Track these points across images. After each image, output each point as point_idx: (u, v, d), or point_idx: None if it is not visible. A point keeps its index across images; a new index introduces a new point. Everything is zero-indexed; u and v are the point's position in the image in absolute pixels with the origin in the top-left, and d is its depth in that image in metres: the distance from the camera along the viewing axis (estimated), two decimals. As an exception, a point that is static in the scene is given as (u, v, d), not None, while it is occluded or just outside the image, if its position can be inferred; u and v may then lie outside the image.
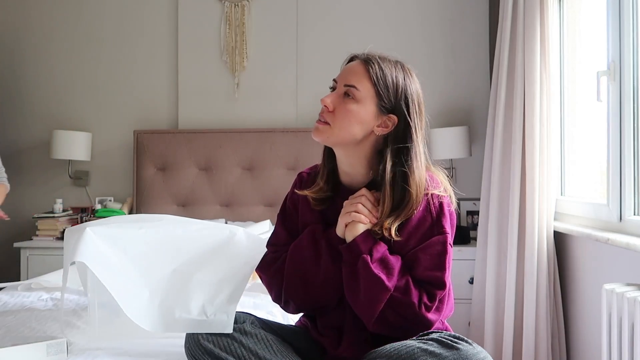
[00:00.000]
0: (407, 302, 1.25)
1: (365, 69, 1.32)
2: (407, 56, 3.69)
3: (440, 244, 1.30)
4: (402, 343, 1.19)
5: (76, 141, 3.34)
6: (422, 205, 1.31)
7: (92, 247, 1.51)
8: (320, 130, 1.33)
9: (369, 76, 1.31)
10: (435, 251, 1.29)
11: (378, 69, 1.31)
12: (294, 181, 1.52)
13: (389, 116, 1.32)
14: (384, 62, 1.33)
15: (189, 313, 1.41)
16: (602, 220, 2.22)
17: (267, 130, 3.33)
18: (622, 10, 2.05)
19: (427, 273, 1.28)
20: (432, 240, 1.30)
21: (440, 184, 1.35)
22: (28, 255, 3.16)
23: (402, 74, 1.34)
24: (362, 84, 1.31)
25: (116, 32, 3.53)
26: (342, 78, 1.34)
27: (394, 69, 1.33)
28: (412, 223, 1.30)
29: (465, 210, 3.32)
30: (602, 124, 2.22)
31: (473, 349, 1.16)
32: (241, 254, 1.58)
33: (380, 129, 1.32)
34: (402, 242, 1.30)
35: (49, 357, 1.45)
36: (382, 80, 1.31)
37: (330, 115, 1.32)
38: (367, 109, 1.30)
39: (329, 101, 1.32)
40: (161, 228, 1.67)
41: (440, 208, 1.32)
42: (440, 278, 1.29)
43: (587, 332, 2.36)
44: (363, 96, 1.30)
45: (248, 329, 1.33)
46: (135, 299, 1.45)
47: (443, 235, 1.30)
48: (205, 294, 1.45)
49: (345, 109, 1.31)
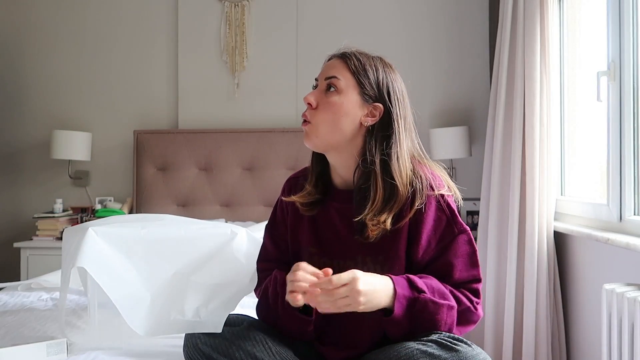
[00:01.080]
0: (466, 310, 1.27)
1: (343, 60, 1.33)
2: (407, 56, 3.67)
3: (467, 243, 1.30)
4: (402, 344, 1.18)
5: (76, 141, 3.34)
6: (433, 206, 1.30)
7: (94, 251, 1.51)
8: (308, 132, 1.33)
9: (347, 66, 1.32)
10: (465, 252, 1.30)
11: (355, 60, 1.32)
12: (283, 187, 1.49)
13: (374, 105, 1.32)
14: (361, 54, 1.35)
15: (183, 315, 1.41)
16: (602, 220, 2.22)
17: (267, 130, 3.33)
18: (622, 10, 2.05)
19: (464, 274, 1.29)
20: (458, 242, 1.30)
21: (443, 182, 1.34)
22: (28, 255, 3.16)
23: (381, 64, 1.35)
24: (341, 73, 1.31)
25: (116, 32, 3.54)
26: (322, 74, 1.35)
27: (371, 59, 1.34)
28: (427, 226, 1.29)
29: (465, 210, 3.32)
30: (602, 124, 2.22)
31: (472, 350, 1.15)
32: (240, 257, 1.58)
33: (368, 118, 1.31)
34: (424, 246, 1.29)
35: (49, 357, 1.45)
36: (362, 69, 1.31)
37: (313, 112, 1.32)
38: (349, 98, 1.30)
39: (312, 97, 1.33)
40: (163, 228, 1.67)
41: (450, 206, 1.32)
42: (477, 275, 1.30)
43: (587, 332, 2.36)
44: (344, 85, 1.30)
45: (246, 332, 1.31)
46: (136, 304, 1.45)
47: (466, 233, 1.31)
48: (200, 297, 1.45)
49: (329, 102, 1.31)
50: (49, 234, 3.23)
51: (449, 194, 1.33)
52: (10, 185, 3.56)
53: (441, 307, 1.21)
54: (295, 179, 1.47)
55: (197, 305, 1.43)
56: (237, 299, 1.46)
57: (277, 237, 1.46)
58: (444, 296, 1.23)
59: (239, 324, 1.35)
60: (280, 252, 1.45)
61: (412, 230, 1.30)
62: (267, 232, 1.49)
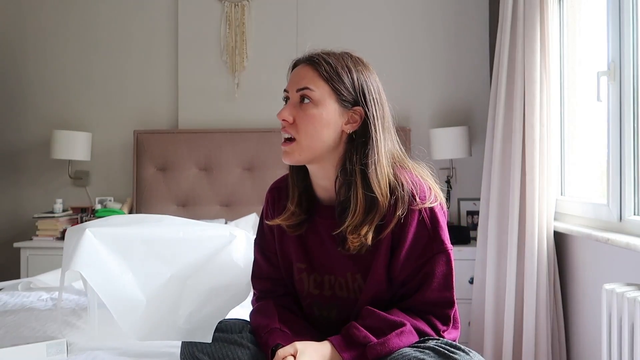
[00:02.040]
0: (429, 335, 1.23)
1: (313, 68, 1.24)
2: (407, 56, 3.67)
3: (445, 264, 1.23)
4: (399, 352, 1.17)
5: (76, 141, 3.34)
6: (415, 220, 1.22)
7: (90, 253, 1.50)
8: (288, 151, 1.23)
9: (319, 74, 1.22)
10: (440, 273, 1.23)
11: (325, 64, 1.23)
12: (266, 198, 1.40)
13: (354, 109, 1.23)
14: (330, 56, 1.26)
15: (176, 321, 1.40)
16: (602, 220, 2.22)
17: (267, 130, 3.33)
18: (622, 10, 2.05)
19: (435, 294, 1.23)
20: (436, 261, 1.22)
21: (427, 190, 1.25)
22: (28, 255, 3.16)
23: (352, 63, 1.25)
24: (314, 83, 1.22)
25: (116, 32, 3.53)
26: (292, 85, 1.26)
27: (342, 60, 1.25)
28: (407, 242, 1.22)
29: (465, 210, 3.31)
30: (602, 124, 2.22)
31: (470, 358, 1.12)
32: (238, 260, 1.57)
33: (349, 125, 1.23)
34: (402, 262, 1.23)
35: (49, 357, 1.45)
36: (335, 74, 1.22)
37: (292, 128, 1.22)
38: (328, 108, 1.22)
39: (286, 113, 1.23)
40: (161, 229, 1.67)
41: (434, 219, 1.23)
42: (449, 298, 1.24)
43: (587, 332, 2.36)
44: (320, 96, 1.22)
45: (244, 341, 1.28)
46: (131, 308, 1.44)
47: (445, 253, 1.23)
48: (195, 302, 1.44)
49: (306, 115, 1.22)
50: (49, 234, 3.23)
51: (434, 205, 1.23)
52: (11, 185, 3.56)
53: (389, 340, 1.18)
54: (278, 189, 1.39)
55: (190, 311, 1.42)
56: (230, 307, 1.44)
57: (268, 250, 1.40)
58: (392, 325, 1.20)
59: (239, 331, 1.31)
60: (273, 268, 1.40)
61: (394, 244, 1.24)
62: (257, 246, 1.43)
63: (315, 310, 1.35)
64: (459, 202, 3.32)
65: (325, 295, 1.33)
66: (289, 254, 1.36)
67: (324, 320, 1.35)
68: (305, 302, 1.36)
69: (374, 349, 1.18)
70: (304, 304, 1.37)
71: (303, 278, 1.34)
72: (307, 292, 1.35)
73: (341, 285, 1.31)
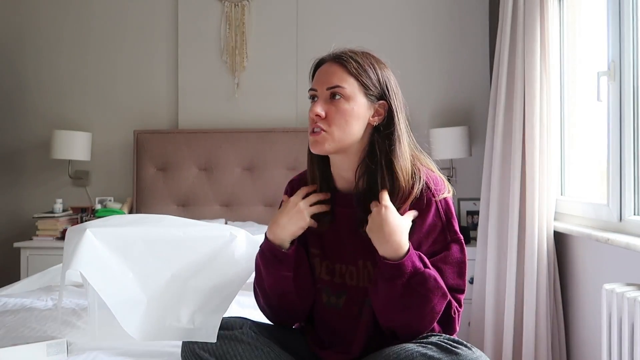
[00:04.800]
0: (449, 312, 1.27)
1: (342, 65, 1.30)
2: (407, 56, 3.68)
3: (459, 252, 1.30)
4: (402, 346, 1.18)
5: (76, 141, 3.34)
6: (432, 211, 1.29)
7: (90, 253, 1.50)
8: (319, 140, 1.29)
9: (348, 71, 1.29)
10: (455, 260, 1.29)
11: (354, 62, 1.30)
12: (285, 190, 1.48)
13: (380, 103, 1.32)
14: (355, 54, 1.33)
15: (178, 321, 1.41)
16: (602, 220, 2.22)
17: (267, 130, 3.33)
18: (622, 10, 2.05)
19: (451, 282, 1.27)
20: (452, 250, 1.29)
21: (441, 183, 1.33)
22: (28, 255, 3.16)
23: (375, 60, 1.34)
24: (345, 81, 1.29)
25: (116, 32, 3.53)
26: (321, 83, 1.31)
27: (365, 58, 1.33)
28: (423, 229, 1.28)
29: (465, 210, 3.31)
30: (602, 124, 2.22)
31: (472, 353, 1.14)
32: (238, 260, 1.57)
33: (376, 118, 1.32)
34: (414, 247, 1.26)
35: (49, 357, 1.45)
36: (362, 70, 1.30)
37: (324, 122, 1.29)
38: (358, 103, 1.29)
39: (319, 109, 1.29)
40: (162, 229, 1.67)
41: (448, 209, 1.31)
42: (462, 285, 1.29)
43: (587, 332, 2.36)
44: (351, 92, 1.29)
45: (245, 337, 1.31)
46: (132, 308, 1.45)
47: (459, 243, 1.30)
48: (197, 302, 1.45)
49: (339, 110, 1.28)
50: (49, 234, 3.23)
51: (447, 195, 1.32)
52: (11, 185, 3.56)
53: (438, 289, 1.21)
54: (298, 181, 1.45)
55: (192, 311, 1.42)
56: (230, 299, 1.45)
57: None
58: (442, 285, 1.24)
59: (239, 327, 1.34)
60: None
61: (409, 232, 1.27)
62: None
63: (324, 296, 1.38)
64: (459, 202, 3.32)
65: (335, 283, 1.37)
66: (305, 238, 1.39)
67: (332, 308, 1.37)
68: (316, 286, 1.40)
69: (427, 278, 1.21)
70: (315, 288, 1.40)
71: (315, 263, 1.39)
72: (318, 277, 1.39)
73: (352, 273, 1.35)
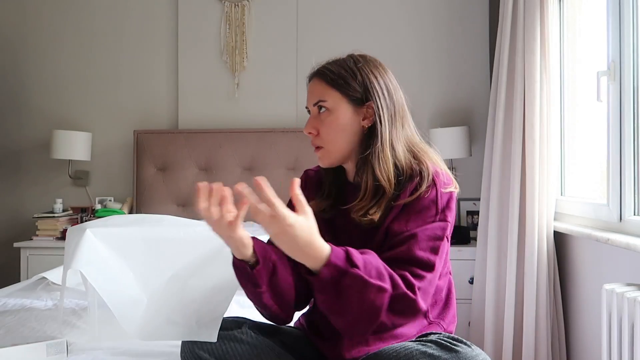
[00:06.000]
0: (401, 296, 1.16)
1: (320, 79, 1.33)
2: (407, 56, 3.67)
3: (441, 229, 1.25)
4: (401, 345, 1.18)
5: (76, 141, 3.34)
6: (431, 195, 1.25)
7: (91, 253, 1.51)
8: (321, 157, 1.36)
9: (325, 82, 1.32)
10: (433, 234, 1.24)
11: (329, 72, 1.32)
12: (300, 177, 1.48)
13: (367, 105, 1.32)
14: (332, 63, 1.35)
15: (178, 321, 1.40)
16: (602, 220, 2.22)
17: (267, 130, 3.33)
18: (622, 10, 2.05)
19: (420, 253, 1.21)
20: (433, 224, 1.25)
21: (448, 178, 1.31)
22: (28, 255, 3.16)
23: (353, 62, 1.34)
24: (326, 94, 1.32)
25: (116, 32, 3.54)
26: (309, 100, 1.36)
27: (343, 62, 1.34)
28: (415, 208, 1.25)
29: (465, 210, 3.32)
30: (602, 124, 2.22)
31: (472, 351, 1.14)
32: None
33: (366, 120, 1.32)
34: (401, 223, 1.25)
35: (49, 357, 1.45)
36: (339, 78, 1.31)
37: (318, 138, 1.34)
38: (342, 112, 1.31)
39: (310, 127, 1.34)
40: (162, 229, 1.67)
41: (448, 202, 1.28)
42: (431, 261, 1.22)
43: (587, 332, 2.36)
44: (333, 103, 1.31)
45: (245, 337, 1.31)
46: (132, 308, 1.45)
47: (445, 222, 1.26)
48: (197, 301, 1.45)
49: (325, 124, 1.32)
50: (49, 234, 3.23)
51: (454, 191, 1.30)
52: (11, 185, 3.57)
53: (371, 286, 1.10)
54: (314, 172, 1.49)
55: (192, 310, 1.42)
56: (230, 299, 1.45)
57: None
58: (380, 277, 1.13)
59: (239, 327, 1.34)
60: None
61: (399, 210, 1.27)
62: None
63: None
64: (459, 202, 3.32)
65: None
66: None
67: None
68: None
69: (354, 279, 1.10)
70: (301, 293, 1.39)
71: None
72: None
73: None
